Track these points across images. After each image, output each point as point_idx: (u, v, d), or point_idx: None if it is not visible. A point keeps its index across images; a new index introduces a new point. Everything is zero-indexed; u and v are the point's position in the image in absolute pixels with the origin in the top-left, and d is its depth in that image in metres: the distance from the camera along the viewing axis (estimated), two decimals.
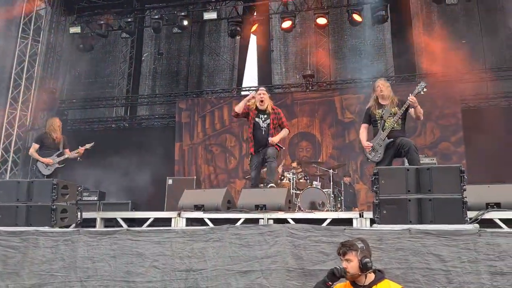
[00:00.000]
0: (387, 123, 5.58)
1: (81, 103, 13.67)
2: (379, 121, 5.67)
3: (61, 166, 7.21)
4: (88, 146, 7.40)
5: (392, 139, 5.53)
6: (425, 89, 5.57)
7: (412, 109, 5.52)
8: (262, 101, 6.23)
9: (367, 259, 3.26)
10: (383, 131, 5.58)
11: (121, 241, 4.51)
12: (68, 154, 7.25)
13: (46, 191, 5.15)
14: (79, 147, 7.35)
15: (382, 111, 5.66)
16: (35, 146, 7.33)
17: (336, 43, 13.11)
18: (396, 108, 5.63)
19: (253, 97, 6.30)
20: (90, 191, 10.00)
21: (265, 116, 6.25)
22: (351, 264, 3.27)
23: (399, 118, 5.57)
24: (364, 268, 3.24)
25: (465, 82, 11.08)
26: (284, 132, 6.38)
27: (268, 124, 6.24)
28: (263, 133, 6.23)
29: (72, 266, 4.55)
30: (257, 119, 6.26)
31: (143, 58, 14.43)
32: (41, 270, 4.63)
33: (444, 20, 11.88)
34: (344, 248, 3.32)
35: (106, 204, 9.84)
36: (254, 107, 6.26)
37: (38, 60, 11.93)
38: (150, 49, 14.52)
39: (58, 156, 7.22)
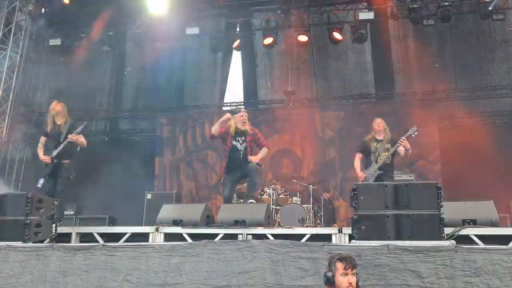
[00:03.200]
0: (380, 156, 6.43)
1: None
2: (373, 153, 6.51)
3: (59, 161, 6.12)
4: (79, 129, 6.18)
5: (382, 171, 6.32)
6: (416, 133, 6.37)
7: (402, 148, 6.36)
8: (244, 122, 6.33)
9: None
10: (376, 163, 6.41)
11: (96, 256, 4.42)
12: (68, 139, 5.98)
13: (20, 205, 5.01)
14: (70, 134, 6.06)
15: (377, 145, 6.52)
16: (41, 140, 6.33)
17: (319, 62, 13.30)
18: (389, 145, 6.47)
19: (229, 118, 6.31)
20: (66, 205, 9.78)
21: (243, 138, 6.32)
22: (354, 279, 3.28)
23: (391, 154, 6.43)
24: (358, 283, 3.30)
25: (441, 101, 11.42)
26: (263, 152, 6.45)
27: (245, 147, 6.31)
28: (241, 156, 6.31)
29: (41, 280, 4.42)
30: (234, 142, 6.31)
31: (125, 72, 14.33)
32: (6, 284, 4.47)
33: (419, 43, 12.29)
34: (355, 262, 3.32)
35: (82, 219, 9.65)
36: (233, 131, 6.29)
37: (16, 72, 11.75)
38: (133, 63, 14.44)
39: (56, 148, 6.14)
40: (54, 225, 5.38)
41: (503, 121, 11.47)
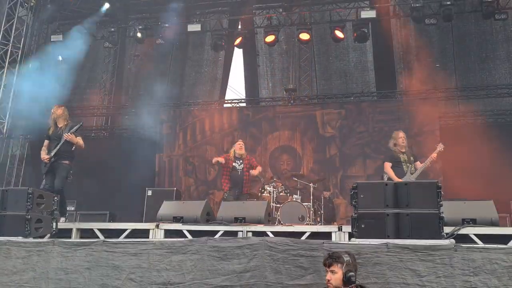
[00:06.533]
0: (412, 168, 6.72)
1: None
2: (404, 164, 6.75)
3: (56, 160, 6.29)
4: (74, 128, 6.35)
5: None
6: (442, 149, 6.91)
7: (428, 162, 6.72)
8: (241, 148, 8.15)
9: (352, 273, 3.30)
10: (411, 174, 6.63)
11: (97, 253, 4.41)
12: (63, 139, 6.20)
13: (21, 201, 5.02)
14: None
15: (405, 156, 6.81)
16: (44, 143, 6.54)
17: (320, 60, 13.30)
18: (412, 157, 6.85)
19: (218, 161, 7.98)
20: (67, 201, 9.78)
21: (241, 161, 8.01)
22: (335, 276, 3.29)
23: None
24: (347, 281, 3.27)
25: (442, 100, 11.42)
26: (259, 169, 8.27)
27: (242, 167, 7.97)
28: (239, 173, 7.91)
29: (44, 277, 4.41)
30: (234, 164, 7.96)
31: (128, 66, 14.29)
32: (10, 281, 4.47)
33: (420, 42, 12.28)
34: (330, 259, 3.35)
35: (83, 215, 9.68)
36: (233, 156, 8.06)
37: (17, 67, 11.75)
38: (134, 60, 14.43)
39: (55, 148, 6.33)
40: (54, 221, 5.40)
41: (504, 120, 11.47)
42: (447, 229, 4.34)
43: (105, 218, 9.27)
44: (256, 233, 4.93)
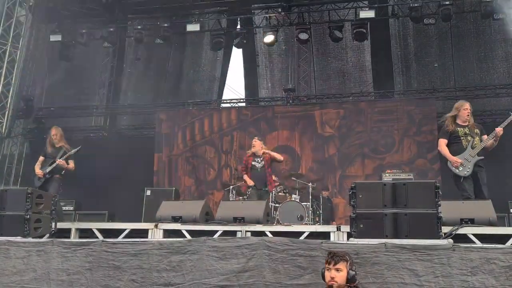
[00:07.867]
0: (475, 141, 5.95)
1: (59, 111, 13.46)
2: (463, 138, 5.99)
3: (51, 176, 6.87)
4: (73, 151, 6.96)
5: (482, 157, 5.90)
6: None
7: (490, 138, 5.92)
8: (253, 146, 7.77)
9: (354, 272, 3.32)
10: (472, 149, 5.91)
11: (96, 253, 4.41)
12: (56, 162, 6.83)
13: (20, 201, 5.03)
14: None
15: (465, 130, 6.03)
16: (40, 159, 7.09)
17: (319, 60, 13.33)
18: (477, 130, 6.05)
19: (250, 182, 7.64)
20: (66, 201, 9.81)
21: (260, 159, 7.68)
22: (340, 274, 3.28)
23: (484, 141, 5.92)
24: (351, 280, 3.29)
25: (440, 100, 11.44)
26: (279, 157, 7.88)
27: (263, 164, 7.63)
28: (258, 170, 7.62)
29: (45, 278, 4.41)
30: (254, 163, 7.70)
31: (129, 69, 14.31)
32: (10, 282, 4.47)
33: (419, 41, 12.30)
34: (338, 257, 3.32)
35: (82, 215, 9.68)
36: (251, 154, 7.78)
37: (16, 67, 11.75)
38: (133, 60, 14.42)
39: (51, 165, 6.92)
40: (53, 220, 5.41)
41: (503, 120, 11.47)
42: (445, 229, 4.35)
43: (104, 218, 9.29)
44: (255, 233, 4.93)
